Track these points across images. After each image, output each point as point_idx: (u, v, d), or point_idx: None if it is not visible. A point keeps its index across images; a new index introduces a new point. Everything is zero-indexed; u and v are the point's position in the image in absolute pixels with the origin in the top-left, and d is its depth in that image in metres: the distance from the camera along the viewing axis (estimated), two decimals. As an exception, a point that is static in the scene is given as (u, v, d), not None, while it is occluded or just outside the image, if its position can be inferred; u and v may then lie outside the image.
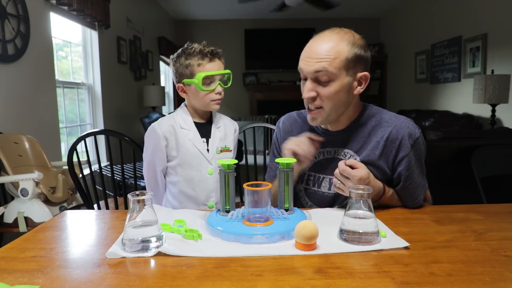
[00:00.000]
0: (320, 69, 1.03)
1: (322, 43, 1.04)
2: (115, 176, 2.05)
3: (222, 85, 1.33)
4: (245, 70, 7.23)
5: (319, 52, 1.03)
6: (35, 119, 2.60)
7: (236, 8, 6.29)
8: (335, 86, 1.04)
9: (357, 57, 1.05)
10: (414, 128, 1.10)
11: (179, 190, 1.35)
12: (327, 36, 1.05)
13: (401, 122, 1.11)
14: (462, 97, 4.50)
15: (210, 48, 1.30)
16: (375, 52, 6.99)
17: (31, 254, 0.82)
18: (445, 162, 2.35)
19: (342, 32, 1.06)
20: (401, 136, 1.09)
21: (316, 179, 1.18)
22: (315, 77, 1.05)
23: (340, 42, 1.03)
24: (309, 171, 1.19)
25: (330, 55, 1.02)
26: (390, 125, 1.11)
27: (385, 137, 1.10)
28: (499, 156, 2.04)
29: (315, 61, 1.03)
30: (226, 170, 0.99)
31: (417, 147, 1.10)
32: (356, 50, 1.04)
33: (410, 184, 1.10)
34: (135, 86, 4.75)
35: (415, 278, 0.69)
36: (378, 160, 1.10)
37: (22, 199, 1.93)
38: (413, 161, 1.10)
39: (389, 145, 1.10)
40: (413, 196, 1.11)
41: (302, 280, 0.69)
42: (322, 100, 1.06)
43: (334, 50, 1.02)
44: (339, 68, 1.03)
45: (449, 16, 4.82)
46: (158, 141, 1.33)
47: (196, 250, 0.82)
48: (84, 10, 3.08)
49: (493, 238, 0.87)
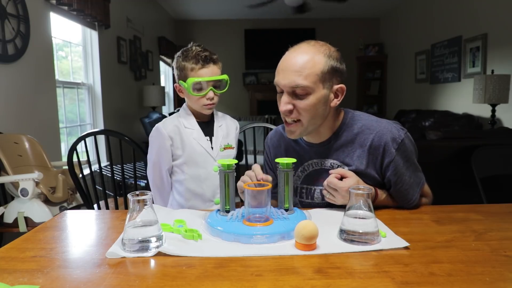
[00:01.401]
0: (297, 83, 1.01)
1: (298, 56, 1.03)
2: (115, 176, 2.05)
3: (215, 90, 1.34)
4: (245, 70, 7.23)
5: (295, 66, 1.02)
6: (35, 119, 2.60)
7: (236, 8, 6.29)
8: (312, 99, 1.03)
9: (333, 69, 1.04)
10: (398, 131, 1.08)
11: (186, 187, 1.38)
12: (303, 48, 1.04)
13: (383, 127, 1.09)
14: (462, 97, 4.50)
15: (205, 54, 1.31)
16: (375, 52, 6.99)
17: (31, 254, 0.82)
18: (445, 162, 2.35)
19: (317, 45, 1.05)
20: (384, 142, 1.07)
21: (308, 191, 1.19)
22: (292, 90, 1.03)
23: (316, 55, 1.02)
24: (301, 184, 1.19)
25: (306, 68, 1.01)
26: (372, 132, 1.09)
27: (368, 145, 1.09)
28: (499, 156, 2.04)
29: (291, 74, 1.01)
30: (226, 170, 0.99)
31: (403, 149, 1.08)
32: (332, 63, 1.03)
33: (401, 187, 1.09)
34: (135, 86, 4.75)
35: (415, 278, 0.69)
36: (366, 169, 1.10)
37: (22, 199, 1.93)
38: (400, 165, 1.08)
39: (373, 153, 1.09)
40: (406, 197, 1.11)
41: (302, 280, 0.69)
42: (299, 113, 1.05)
43: (310, 63, 1.01)
44: (315, 82, 1.02)
45: (449, 16, 4.82)
46: (163, 141, 1.36)
47: (196, 250, 0.82)
48: (84, 10, 3.08)
49: (493, 238, 0.87)
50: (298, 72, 1.01)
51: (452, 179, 2.33)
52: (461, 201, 1.22)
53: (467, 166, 1.95)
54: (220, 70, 1.36)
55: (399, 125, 1.12)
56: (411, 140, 1.12)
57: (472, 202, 1.20)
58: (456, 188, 2.23)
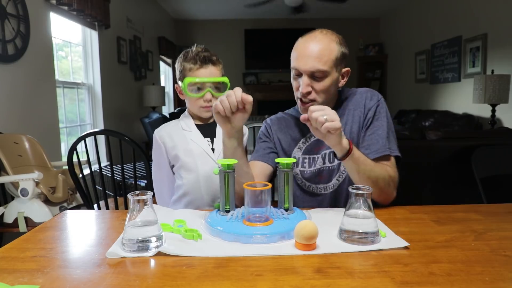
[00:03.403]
0: (317, 68, 1.13)
1: (316, 44, 1.15)
2: (115, 176, 2.05)
3: (213, 92, 1.30)
4: (245, 70, 7.23)
5: (315, 52, 1.13)
6: (35, 119, 2.60)
7: (236, 8, 6.30)
8: (328, 81, 1.16)
9: (343, 54, 1.18)
10: (374, 92, 1.26)
11: (184, 192, 1.33)
12: (319, 37, 1.16)
13: (363, 89, 1.28)
14: (462, 97, 4.50)
15: (203, 54, 1.29)
16: (375, 52, 6.99)
17: (31, 254, 0.82)
18: (445, 162, 2.35)
19: (328, 33, 1.18)
20: (364, 97, 1.24)
21: (311, 160, 1.25)
22: (312, 74, 1.15)
23: (331, 43, 1.15)
24: (303, 155, 1.26)
25: (324, 55, 1.13)
26: (354, 94, 1.27)
27: (355, 105, 1.24)
28: (499, 156, 2.04)
29: (312, 60, 1.13)
30: (226, 170, 0.99)
31: (381, 106, 1.22)
32: (342, 49, 1.18)
33: (371, 135, 1.18)
34: (135, 86, 4.75)
35: (415, 278, 0.69)
36: (360, 131, 1.21)
37: (22, 199, 1.93)
38: (376, 115, 1.20)
39: (358, 110, 1.23)
40: (375, 146, 1.16)
41: (302, 280, 0.69)
42: (316, 93, 1.17)
43: (327, 50, 1.14)
44: (331, 66, 1.15)
45: (449, 16, 4.82)
46: (158, 146, 1.36)
47: (196, 250, 0.82)
48: (84, 10, 3.08)
49: (492, 238, 0.87)
50: (318, 58, 1.13)
51: (452, 179, 2.33)
52: (461, 201, 1.22)
53: (467, 166, 1.95)
54: (220, 72, 1.33)
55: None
56: (386, 108, 1.25)
57: (472, 202, 1.20)
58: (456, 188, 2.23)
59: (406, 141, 2.40)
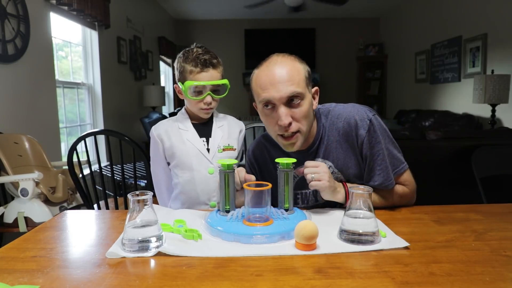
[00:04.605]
0: (293, 91, 1.02)
1: (280, 67, 1.04)
2: (115, 176, 2.05)
3: (213, 95, 1.31)
4: (245, 70, 7.23)
5: (284, 76, 1.03)
6: (35, 119, 2.60)
7: (236, 8, 6.30)
8: (306, 104, 1.05)
9: (308, 73, 1.09)
10: (364, 113, 1.11)
11: (180, 191, 1.35)
12: (280, 60, 1.06)
13: (348, 112, 1.12)
14: (462, 97, 4.50)
15: (204, 57, 1.28)
16: (375, 52, 6.99)
17: (31, 254, 0.82)
18: (445, 162, 2.35)
19: (286, 55, 1.08)
20: (354, 126, 1.10)
21: (304, 196, 1.19)
22: (288, 100, 1.03)
23: (294, 63, 1.06)
24: (295, 190, 1.16)
25: (294, 76, 1.03)
26: (340, 120, 1.13)
27: (341, 133, 1.12)
28: (499, 156, 2.04)
29: (284, 85, 1.02)
30: (226, 170, 0.99)
31: (374, 129, 1.10)
32: (306, 68, 1.09)
33: (374, 165, 1.10)
34: (135, 86, 4.75)
35: (415, 278, 0.69)
36: (346, 158, 1.12)
37: (22, 199, 1.93)
38: (374, 141, 1.09)
39: (348, 138, 1.11)
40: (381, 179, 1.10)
41: (302, 280, 0.69)
42: (298, 121, 1.05)
43: (295, 71, 1.04)
44: (304, 87, 1.05)
45: (449, 16, 4.82)
46: (154, 143, 1.37)
47: (196, 250, 0.82)
48: (84, 10, 3.08)
49: (493, 238, 0.87)
50: (290, 81, 1.02)
51: (452, 179, 2.33)
52: (461, 201, 1.22)
53: (467, 166, 1.95)
54: (220, 74, 1.33)
55: (367, 108, 1.14)
56: (381, 123, 1.13)
57: (472, 202, 1.19)
58: (456, 188, 2.23)
59: (406, 141, 2.40)
